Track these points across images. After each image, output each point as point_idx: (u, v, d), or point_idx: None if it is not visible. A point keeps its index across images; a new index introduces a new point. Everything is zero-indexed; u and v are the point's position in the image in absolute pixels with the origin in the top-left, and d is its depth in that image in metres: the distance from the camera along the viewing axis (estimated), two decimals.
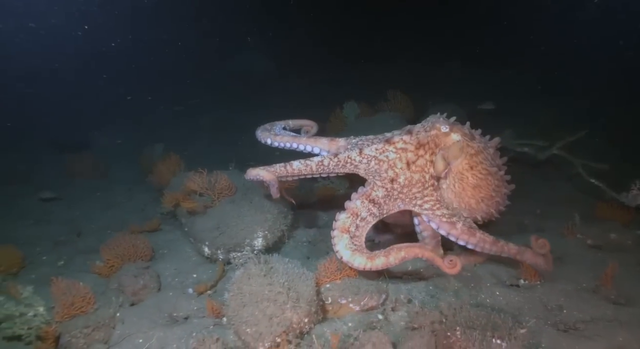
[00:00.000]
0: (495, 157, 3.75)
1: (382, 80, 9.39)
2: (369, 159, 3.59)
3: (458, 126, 3.66)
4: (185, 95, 13.02)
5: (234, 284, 3.16)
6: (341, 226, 3.25)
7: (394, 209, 3.48)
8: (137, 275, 3.83)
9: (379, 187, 3.44)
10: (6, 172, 7.75)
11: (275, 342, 2.87)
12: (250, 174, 3.62)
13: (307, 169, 3.64)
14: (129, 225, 4.97)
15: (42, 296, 3.35)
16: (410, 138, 3.62)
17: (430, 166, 3.58)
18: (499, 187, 3.66)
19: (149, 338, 3.25)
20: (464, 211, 3.62)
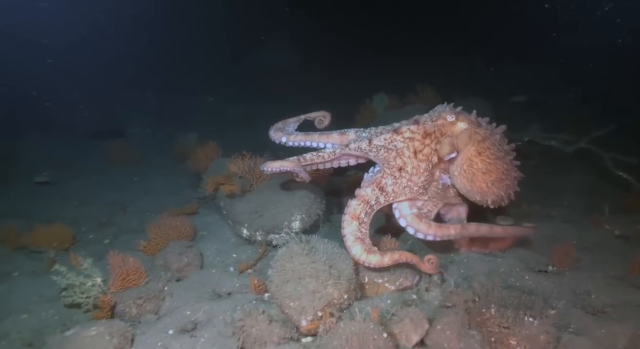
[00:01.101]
0: (503, 142, 3.85)
1: (407, 74, 9.49)
2: (378, 148, 3.72)
3: (464, 115, 3.78)
4: (213, 87, 13.29)
5: (277, 262, 3.36)
6: (352, 212, 3.42)
7: (400, 198, 3.62)
8: (181, 253, 4.07)
9: (388, 175, 3.59)
10: (49, 159, 8.12)
11: (317, 315, 3.05)
12: (271, 166, 3.71)
13: (320, 159, 3.81)
14: (169, 208, 5.19)
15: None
16: (417, 128, 3.75)
17: (434, 154, 3.72)
18: (508, 171, 3.77)
19: (196, 310, 3.48)
20: (476, 195, 3.76)
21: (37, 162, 8.27)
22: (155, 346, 3.07)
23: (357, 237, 3.32)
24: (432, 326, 2.98)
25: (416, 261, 3.30)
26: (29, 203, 6.28)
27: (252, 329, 3.03)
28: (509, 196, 3.86)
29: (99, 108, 12.02)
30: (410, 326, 2.93)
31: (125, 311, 3.49)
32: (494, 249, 4.10)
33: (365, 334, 2.68)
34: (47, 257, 4.62)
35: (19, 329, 3.45)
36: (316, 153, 3.82)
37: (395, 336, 2.87)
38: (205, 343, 3.07)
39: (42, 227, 4.73)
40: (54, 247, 4.66)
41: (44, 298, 3.87)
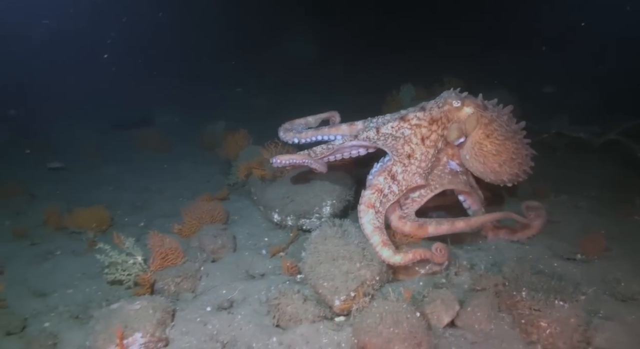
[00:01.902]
0: (510, 123, 3.89)
1: (428, 67, 9.49)
2: (386, 136, 3.78)
3: (470, 99, 3.82)
4: (239, 79, 13.44)
5: (311, 244, 3.47)
6: (367, 201, 3.48)
7: (412, 185, 3.68)
8: (216, 235, 4.21)
9: (397, 162, 3.64)
10: (81, 147, 8.37)
11: (350, 296, 3.15)
12: (281, 158, 3.77)
13: (329, 151, 3.91)
14: (201, 194, 5.33)
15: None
16: (424, 114, 3.80)
17: (440, 140, 3.78)
18: (518, 149, 3.83)
19: (232, 290, 3.61)
20: (490, 175, 3.86)
21: (69, 149, 8.55)
22: (195, 321, 3.21)
23: (375, 227, 3.38)
24: (463, 308, 3.06)
25: (429, 256, 3.36)
26: (66, 187, 6.51)
27: (287, 307, 3.16)
28: (525, 172, 3.92)
29: (128, 98, 12.30)
30: (442, 307, 3.02)
31: (164, 288, 3.64)
32: (521, 237, 4.14)
33: (398, 313, 2.77)
34: (86, 238, 4.82)
35: (66, 302, 3.64)
36: (325, 146, 3.92)
37: (427, 317, 2.96)
38: (242, 319, 3.19)
39: (82, 209, 4.93)
40: (93, 229, 4.85)
41: (86, 275, 4.06)
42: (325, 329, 3.00)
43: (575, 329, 2.75)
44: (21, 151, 8.34)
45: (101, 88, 13.14)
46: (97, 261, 4.17)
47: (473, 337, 2.88)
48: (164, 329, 3.04)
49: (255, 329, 3.09)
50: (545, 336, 2.76)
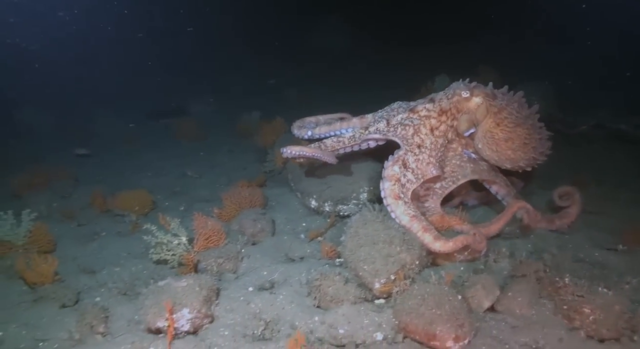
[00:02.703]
0: (521, 109, 3.87)
1: (459, 58, 9.40)
2: (396, 127, 3.83)
3: (479, 89, 3.83)
4: (271, 70, 13.55)
5: (351, 228, 3.52)
6: (392, 193, 3.50)
7: (427, 175, 3.70)
8: (255, 219, 4.31)
9: (408, 152, 3.68)
10: (120, 135, 8.63)
11: (390, 279, 3.19)
12: (291, 149, 3.86)
13: (339, 144, 3.98)
14: (238, 180, 5.44)
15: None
16: (433, 106, 3.84)
17: (449, 130, 3.82)
18: (531, 134, 3.82)
19: (272, 271, 3.70)
20: (506, 162, 3.86)
21: (108, 138, 8.83)
22: (238, 300, 3.31)
23: (411, 216, 3.42)
24: (503, 293, 3.08)
25: (470, 241, 3.36)
26: (107, 173, 6.73)
27: (328, 288, 3.22)
28: (542, 154, 3.91)
29: (163, 89, 12.57)
30: (482, 292, 3.04)
31: (207, 268, 3.75)
32: (560, 226, 4.11)
33: (440, 295, 2.80)
34: (129, 220, 4.99)
35: (114, 280, 3.79)
36: (336, 139, 4.00)
37: (467, 301, 2.99)
38: (283, 299, 3.28)
39: (125, 193, 5.11)
40: (135, 212, 5.02)
41: (131, 254, 4.22)
42: (366, 311, 3.06)
43: (619, 316, 2.73)
44: (65, 137, 8.65)
45: (137, 79, 13.50)
46: (141, 242, 4.35)
47: (514, 321, 2.90)
48: (209, 306, 3.14)
49: (297, 308, 3.17)
50: (589, 322, 2.76)
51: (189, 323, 2.99)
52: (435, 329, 2.67)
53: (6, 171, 6.70)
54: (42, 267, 3.58)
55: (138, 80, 13.44)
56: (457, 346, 2.63)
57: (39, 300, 3.49)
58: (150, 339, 2.93)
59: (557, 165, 5.67)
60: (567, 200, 4.16)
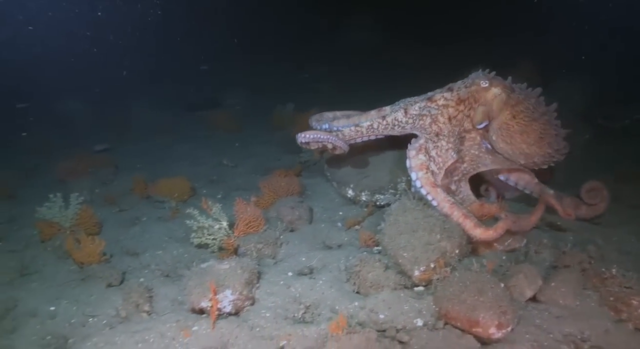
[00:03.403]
0: (539, 105, 3.83)
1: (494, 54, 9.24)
2: (414, 118, 3.84)
3: (498, 80, 3.79)
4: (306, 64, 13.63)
5: (391, 216, 3.52)
6: (427, 182, 3.49)
7: (449, 160, 3.72)
8: (293, 207, 4.36)
9: (428, 140, 3.69)
10: (155, 127, 8.83)
11: (429, 267, 3.19)
12: (306, 134, 3.90)
13: (357, 134, 3.99)
14: (273, 170, 5.49)
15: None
16: (451, 95, 3.82)
17: (466, 120, 3.79)
18: (546, 130, 3.78)
19: (311, 258, 3.74)
20: (520, 157, 3.82)
21: (144, 129, 9.04)
22: (278, 284, 3.37)
23: (451, 203, 3.40)
24: (546, 283, 3.04)
25: (509, 225, 3.32)
26: (145, 162, 6.90)
27: (368, 274, 3.25)
28: (557, 152, 3.85)
29: (196, 82, 12.78)
30: (524, 281, 3.01)
31: (246, 253, 3.82)
32: (585, 215, 4.06)
33: (482, 282, 2.79)
34: (169, 206, 5.11)
35: (157, 262, 3.90)
36: (354, 128, 4.00)
37: (509, 290, 2.96)
38: (323, 284, 3.32)
39: (165, 179, 5.22)
40: (175, 198, 5.14)
41: (172, 238, 4.32)
42: (405, 297, 3.06)
43: None
44: (103, 127, 8.90)
45: (171, 73, 13.78)
46: (182, 227, 4.47)
47: (558, 311, 2.86)
48: (251, 288, 3.20)
49: (337, 293, 3.21)
50: (637, 314, 2.70)
51: (231, 305, 3.06)
52: (477, 316, 2.66)
53: (50, 158, 6.97)
54: (90, 247, 3.71)
55: (175, 74, 13.76)
56: (500, 333, 2.62)
57: (87, 279, 3.63)
58: (194, 318, 3.00)
59: (598, 159, 5.57)
60: (595, 196, 4.07)
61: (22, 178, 6.59)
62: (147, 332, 2.88)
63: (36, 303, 3.39)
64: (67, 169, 6.11)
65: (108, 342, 2.83)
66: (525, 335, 2.65)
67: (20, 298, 3.47)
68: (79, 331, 3.09)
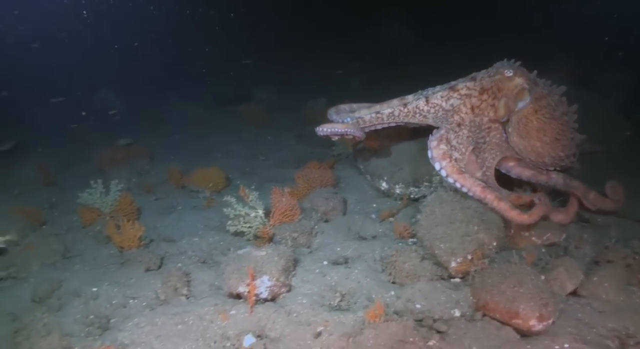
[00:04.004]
0: (560, 104, 3.70)
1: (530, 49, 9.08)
2: (436, 107, 3.78)
3: (523, 71, 3.69)
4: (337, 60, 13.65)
5: (427, 207, 3.51)
6: (452, 170, 3.42)
7: (469, 147, 3.64)
8: (327, 198, 4.38)
9: (449, 130, 3.61)
10: (189, 120, 8.98)
11: (466, 258, 3.16)
12: (323, 127, 3.91)
13: (378, 120, 3.95)
14: (308, 162, 5.50)
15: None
16: (474, 84, 3.74)
17: (490, 109, 3.68)
18: (563, 131, 3.66)
19: (346, 248, 3.76)
20: (531, 154, 3.71)
21: (177, 122, 9.19)
22: (314, 272, 3.39)
23: (482, 187, 3.35)
24: (587, 278, 2.98)
25: (548, 212, 3.31)
26: (179, 154, 7.02)
27: (404, 264, 3.24)
28: (568, 157, 3.72)
29: (227, 77, 12.95)
30: (565, 275, 2.96)
31: (281, 242, 3.85)
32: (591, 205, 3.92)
33: (522, 274, 2.76)
34: (203, 196, 5.19)
35: (193, 249, 3.97)
36: (375, 115, 3.96)
37: (549, 283, 2.91)
38: (358, 273, 3.32)
39: (200, 169, 5.30)
40: (209, 188, 5.21)
41: (208, 227, 4.39)
42: (442, 288, 3.05)
43: None
44: (137, 120, 9.10)
45: (203, 69, 14.02)
46: (217, 216, 4.54)
47: (600, 306, 2.81)
48: (287, 276, 3.23)
49: (373, 283, 3.21)
50: None
51: (268, 291, 3.10)
52: (517, 307, 2.63)
53: (88, 147, 7.17)
54: (130, 232, 3.80)
55: (207, 68, 13.99)
56: (541, 326, 2.58)
57: (126, 263, 3.71)
58: (231, 303, 3.06)
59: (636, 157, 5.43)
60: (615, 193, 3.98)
61: (63, 167, 6.80)
62: (186, 314, 2.95)
63: (79, 283, 3.49)
64: (106, 158, 6.26)
65: (149, 322, 2.90)
66: (567, 329, 2.61)
67: (64, 279, 3.58)
68: (120, 311, 3.18)
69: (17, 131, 8.47)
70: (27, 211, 4.55)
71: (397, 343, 2.52)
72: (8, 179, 6.04)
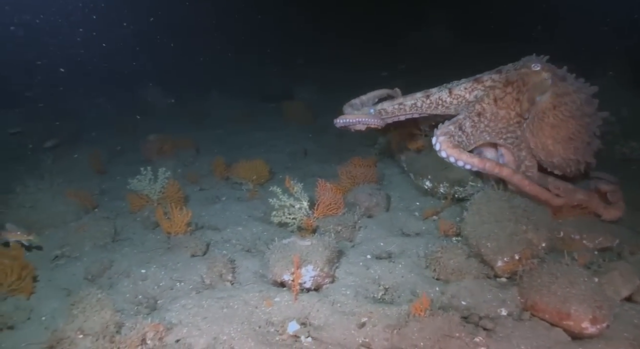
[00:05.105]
0: (587, 104, 3.52)
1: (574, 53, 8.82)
2: (459, 98, 3.76)
3: (550, 66, 3.59)
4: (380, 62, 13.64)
5: (473, 205, 3.46)
6: (447, 144, 3.44)
7: (480, 141, 3.62)
8: (371, 194, 4.37)
9: (467, 118, 3.58)
10: (233, 115, 9.14)
11: (513, 258, 3.10)
12: (341, 118, 4.04)
13: (401, 111, 3.96)
14: (352, 158, 5.49)
15: None
16: (500, 77, 3.70)
17: (516, 103, 3.61)
18: (580, 133, 3.49)
19: (389, 243, 3.74)
20: (540, 152, 3.60)
21: (220, 117, 9.37)
22: (357, 265, 3.40)
23: (480, 158, 3.39)
24: None
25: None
26: (223, 147, 7.15)
27: (449, 261, 3.20)
28: (578, 162, 3.57)
29: (270, 76, 13.13)
30: (619, 279, 2.87)
31: (324, 235, 3.86)
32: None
33: (574, 275, 2.68)
34: (246, 188, 5.27)
35: (237, 237, 4.04)
36: (398, 106, 3.96)
37: (603, 286, 2.82)
38: (402, 268, 3.31)
39: (244, 162, 5.38)
40: (253, 181, 5.28)
41: (252, 217, 4.46)
42: (488, 286, 3.00)
43: None
44: (183, 115, 9.34)
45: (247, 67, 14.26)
46: (260, 207, 4.61)
47: None
48: (331, 267, 3.24)
49: (417, 278, 3.19)
50: None
51: (312, 280, 3.12)
52: (569, 308, 2.56)
53: (135, 139, 7.39)
54: (178, 217, 3.90)
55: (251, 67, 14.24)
56: (595, 329, 2.50)
57: (173, 248, 3.81)
58: (275, 290, 3.09)
59: None
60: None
61: (113, 156, 7.03)
62: (232, 299, 2.99)
63: (128, 265, 3.61)
64: (153, 149, 6.45)
65: (195, 305, 2.96)
66: (623, 334, 2.52)
67: (115, 260, 3.71)
68: (167, 293, 3.26)
69: (70, 124, 8.78)
70: (81, 195, 4.74)
71: (443, 337, 2.49)
72: (63, 167, 6.29)
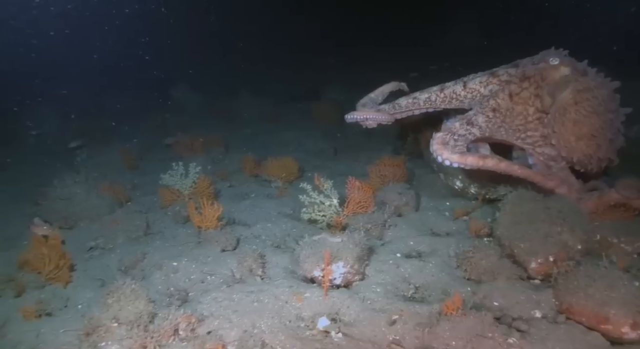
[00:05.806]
0: (610, 100, 3.42)
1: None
2: (474, 92, 3.72)
3: (569, 60, 3.50)
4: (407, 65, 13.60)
5: (507, 205, 3.41)
6: (438, 140, 3.49)
7: (496, 136, 3.57)
8: (400, 193, 4.34)
9: (480, 114, 3.52)
10: (261, 114, 9.22)
11: (547, 259, 3.04)
12: (352, 114, 4.08)
13: (414, 105, 3.95)
14: (381, 157, 5.46)
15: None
16: (516, 71, 3.61)
17: (534, 99, 3.53)
18: (603, 129, 3.39)
19: (419, 242, 3.71)
20: (562, 149, 3.51)
21: (249, 116, 9.44)
22: (387, 263, 3.38)
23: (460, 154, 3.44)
24: None
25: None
26: (251, 145, 7.21)
27: (481, 261, 3.16)
28: (600, 160, 3.48)
29: (299, 76, 13.21)
30: None
31: (354, 232, 3.85)
32: None
33: (613, 278, 2.62)
34: (275, 186, 5.30)
35: (267, 233, 4.07)
36: (412, 100, 3.95)
37: None
38: (433, 267, 3.28)
39: (274, 159, 5.41)
40: (282, 179, 5.31)
41: (281, 214, 4.48)
42: (522, 288, 2.96)
43: None
44: (213, 114, 9.47)
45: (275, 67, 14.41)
46: (289, 204, 4.63)
47: None
48: (361, 264, 3.23)
49: (448, 278, 3.16)
50: None
51: (342, 277, 3.11)
52: (607, 312, 2.50)
53: (165, 137, 7.52)
54: (209, 212, 3.94)
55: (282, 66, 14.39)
56: (636, 334, 2.44)
57: (203, 242, 3.86)
58: (305, 286, 3.10)
59: None
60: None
61: (144, 153, 7.17)
62: (262, 293, 3.02)
63: (160, 258, 3.67)
64: (183, 146, 6.55)
65: (226, 298, 2.99)
66: None
67: (147, 252, 3.78)
68: (198, 286, 3.30)
69: (104, 122, 8.99)
70: (114, 189, 4.85)
71: (475, 337, 2.47)
72: (97, 162, 6.45)
